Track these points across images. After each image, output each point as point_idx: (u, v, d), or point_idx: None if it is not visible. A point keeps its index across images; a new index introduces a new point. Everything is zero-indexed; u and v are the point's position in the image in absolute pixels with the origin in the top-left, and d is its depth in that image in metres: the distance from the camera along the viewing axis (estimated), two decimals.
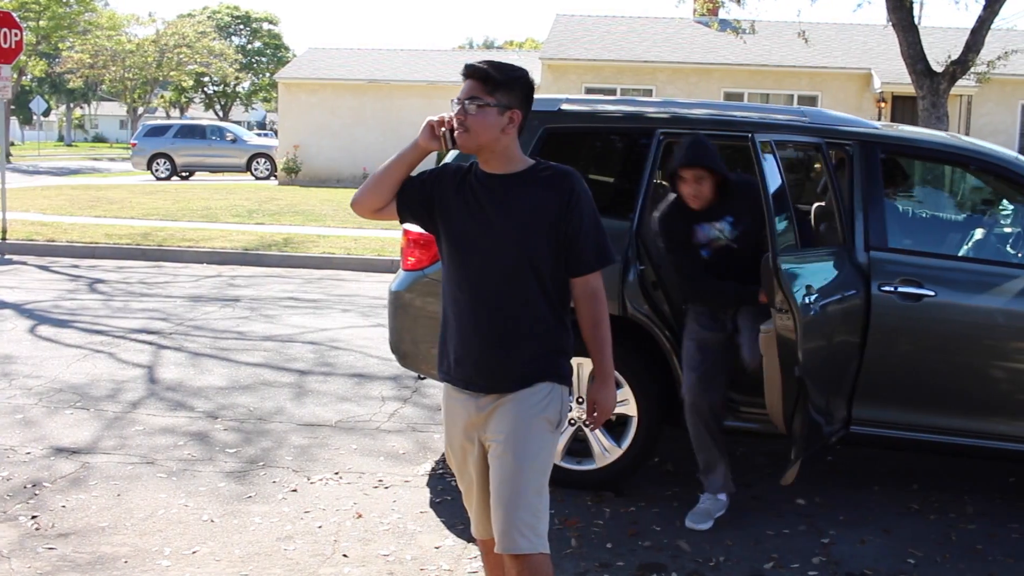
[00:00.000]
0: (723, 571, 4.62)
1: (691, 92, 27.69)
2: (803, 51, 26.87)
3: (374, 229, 17.48)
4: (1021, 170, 5.41)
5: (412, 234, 5.73)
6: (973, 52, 16.28)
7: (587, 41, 29.65)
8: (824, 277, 5.00)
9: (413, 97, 33.49)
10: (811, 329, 4.65)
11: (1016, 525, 5.29)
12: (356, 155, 33.26)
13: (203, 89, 72.21)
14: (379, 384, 7.78)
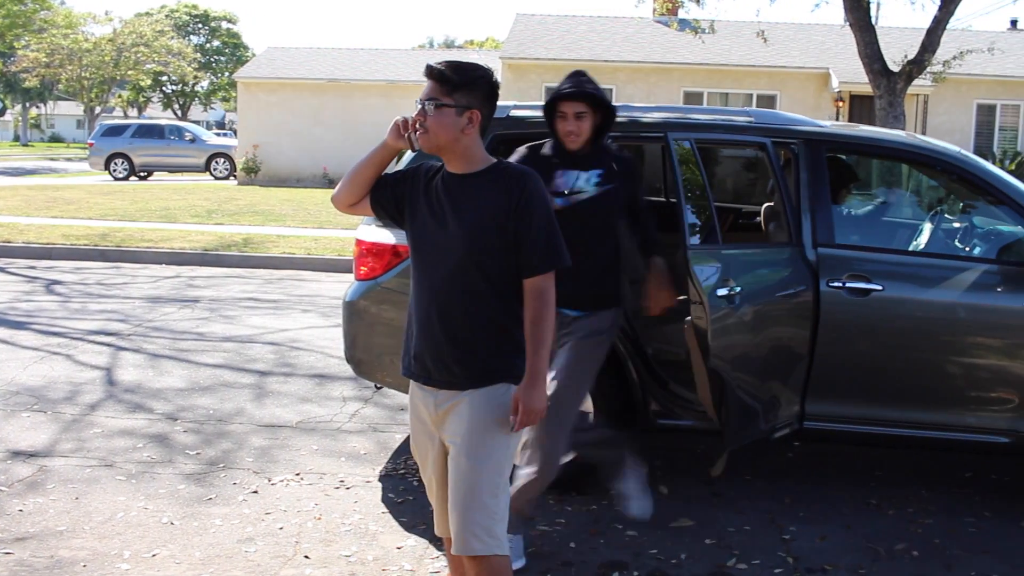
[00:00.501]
0: (685, 568, 4.65)
1: (651, 92, 27.79)
2: (762, 51, 27.05)
3: (334, 229, 17.43)
4: (966, 165, 5.49)
5: (365, 244, 5.71)
6: (929, 52, 16.47)
7: (547, 40, 29.70)
8: (764, 271, 5.05)
9: (373, 96, 33.42)
10: (726, 320, 4.69)
11: (972, 519, 5.35)
12: (316, 155, 33.14)
13: (161, 88, 71.71)
14: (340, 384, 7.75)
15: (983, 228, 5.86)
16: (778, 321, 5.07)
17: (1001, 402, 5.20)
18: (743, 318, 4.81)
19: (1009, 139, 27.70)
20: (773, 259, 5.27)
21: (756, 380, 4.95)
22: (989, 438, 5.25)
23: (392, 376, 5.81)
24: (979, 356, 5.20)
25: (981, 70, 26.80)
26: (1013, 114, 27.84)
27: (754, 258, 5.20)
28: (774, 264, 5.22)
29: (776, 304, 5.04)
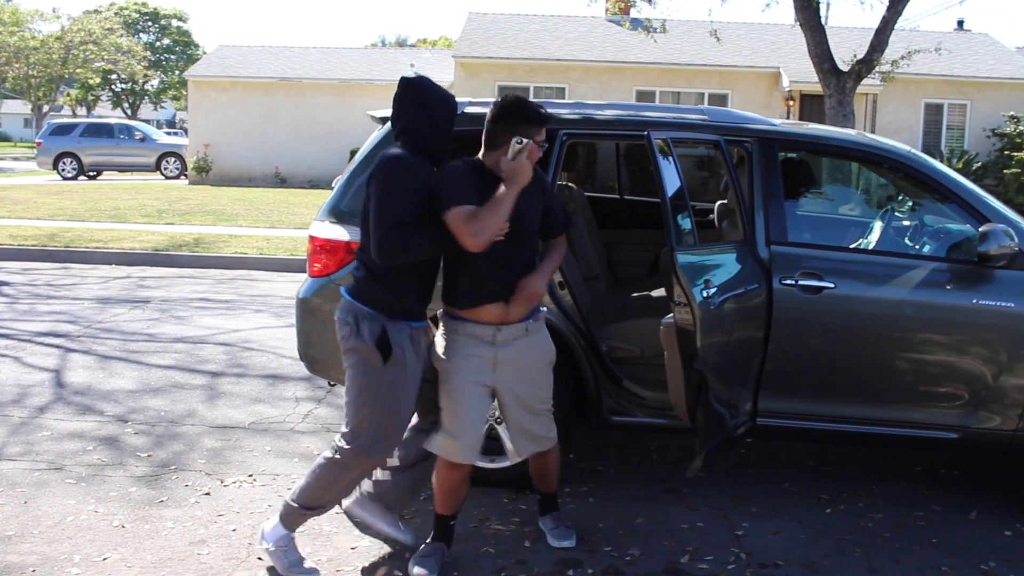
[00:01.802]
0: (639, 565, 4.67)
1: (603, 90, 27.88)
2: (713, 50, 27.23)
3: (287, 229, 17.34)
4: (915, 164, 5.55)
5: (319, 240, 5.68)
6: (878, 52, 16.65)
7: (500, 39, 29.71)
8: (725, 271, 5.08)
9: (326, 95, 33.27)
10: (710, 322, 4.72)
11: (922, 513, 5.43)
12: (268, 154, 32.96)
13: (111, 87, 70.96)
14: (293, 385, 7.71)
15: (932, 226, 5.93)
16: (737, 319, 5.11)
17: (950, 398, 5.27)
18: (719, 318, 4.84)
19: (956, 138, 28.06)
20: (734, 257, 5.31)
21: (725, 379, 4.99)
22: (938, 434, 5.31)
23: (342, 372, 5.78)
24: (928, 353, 5.27)
25: (929, 70, 27.14)
26: (960, 113, 28.20)
27: (720, 257, 5.23)
28: (734, 262, 5.26)
29: (737, 302, 5.08)
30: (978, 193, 5.51)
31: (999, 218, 5.31)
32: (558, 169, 5.56)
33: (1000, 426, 5.24)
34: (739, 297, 5.05)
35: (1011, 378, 5.17)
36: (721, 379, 4.90)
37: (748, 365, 5.22)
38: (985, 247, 5.06)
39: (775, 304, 5.23)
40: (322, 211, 5.80)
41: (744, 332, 5.15)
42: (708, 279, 4.77)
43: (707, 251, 5.12)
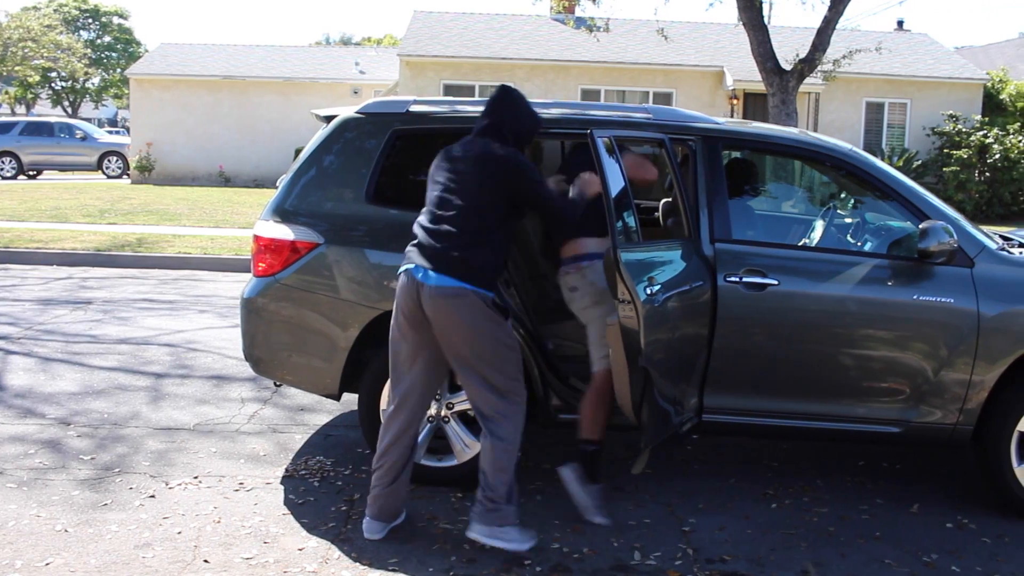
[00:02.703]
0: (587, 562, 4.68)
1: (549, 89, 27.92)
2: (658, 49, 27.38)
3: (231, 228, 17.20)
4: (856, 162, 5.62)
5: (263, 240, 5.65)
6: (820, 51, 16.84)
7: (445, 38, 29.66)
8: (670, 269, 5.11)
9: (270, 93, 33.08)
10: (654, 319, 4.75)
11: (866, 507, 5.50)
12: (212, 153, 32.69)
13: (50, 85, 69.82)
14: (238, 386, 7.65)
15: (874, 223, 6.00)
16: (682, 316, 5.15)
17: (892, 393, 5.34)
18: (662, 315, 4.87)
19: (897, 136, 28.42)
20: (679, 255, 5.34)
21: (670, 376, 5.02)
22: (881, 428, 5.39)
23: (292, 374, 5.76)
24: (871, 348, 5.33)
25: (870, 69, 27.48)
26: (900, 112, 28.57)
27: (662, 255, 5.26)
28: (679, 260, 5.30)
29: (682, 299, 5.12)
30: (918, 191, 5.59)
31: (938, 215, 5.39)
32: None
33: (941, 420, 5.32)
34: (684, 295, 5.09)
35: (951, 372, 5.25)
36: (666, 376, 4.93)
37: (693, 362, 5.26)
38: (925, 244, 5.13)
39: (720, 301, 5.27)
40: (267, 210, 5.76)
41: (689, 329, 5.18)
42: (652, 277, 4.80)
43: (652, 249, 5.15)
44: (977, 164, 25.43)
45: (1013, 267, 5.35)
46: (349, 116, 5.80)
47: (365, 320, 5.50)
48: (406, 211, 5.55)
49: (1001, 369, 5.24)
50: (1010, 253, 5.46)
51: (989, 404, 5.31)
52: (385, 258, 5.50)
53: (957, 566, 4.76)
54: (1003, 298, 5.24)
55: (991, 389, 5.28)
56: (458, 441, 5.50)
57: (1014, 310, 5.23)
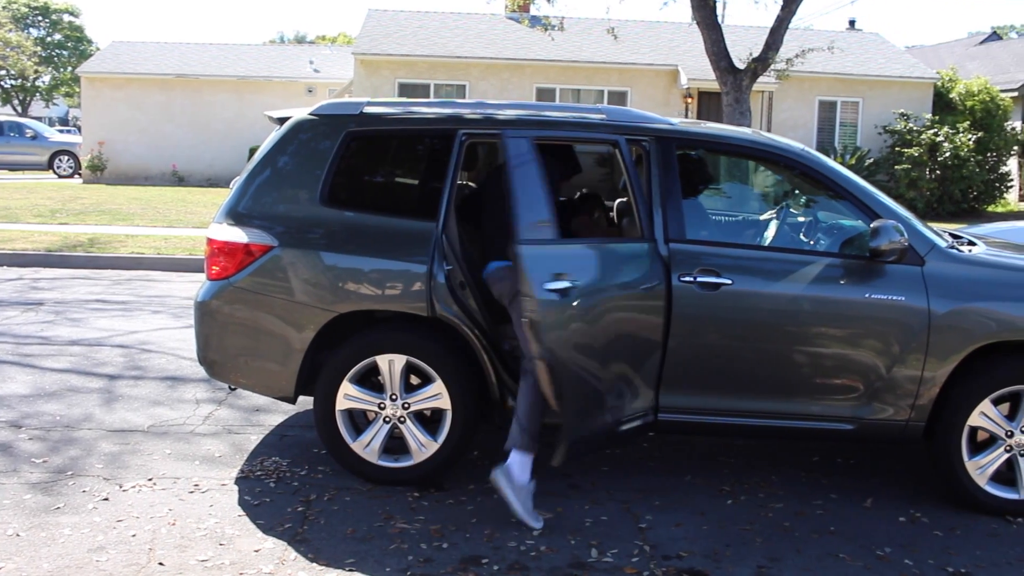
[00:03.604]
0: (544, 560, 4.69)
1: (504, 88, 27.93)
2: (613, 48, 27.45)
3: (185, 228, 17.07)
4: (808, 162, 5.68)
5: (217, 243, 5.61)
6: (773, 50, 16.96)
7: (400, 36, 29.57)
8: (598, 267, 5.16)
9: (224, 92, 32.84)
10: (561, 315, 4.79)
11: (820, 501, 5.55)
12: (165, 151, 32.41)
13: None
14: (193, 387, 7.59)
15: (826, 223, 6.06)
16: (629, 314, 5.18)
17: (845, 390, 5.39)
18: (582, 311, 4.89)
19: (850, 134, 28.69)
20: (625, 254, 5.37)
21: (600, 373, 5.04)
22: (835, 426, 5.45)
23: (246, 377, 5.73)
24: (824, 346, 5.38)
25: (822, 68, 27.71)
26: (853, 110, 28.83)
27: (586, 252, 5.28)
28: (626, 259, 5.32)
29: (626, 298, 5.14)
30: (869, 190, 5.65)
31: (889, 214, 5.46)
32: (458, 169, 5.58)
33: (893, 416, 5.39)
34: (633, 292, 5.13)
35: (903, 369, 5.31)
36: (595, 372, 4.97)
37: (644, 360, 5.29)
38: (876, 243, 5.20)
39: (674, 301, 5.30)
40: (220, 213, 5.73)
41: (637, 326, 5.22)
42: (563, 273, 4.85)
43: (571, 246, 5.21)
44: (928, 162, 25.72)
45: (962, 265, 5.42)
46: (302, 118, 5.77)
47: (321, 322, 5.48)
48: (361, 213, 5.54)
49: (952, 365, 5.31)
50: (959, 251, 5.54)
51: (940, 400, 5.38)
52: (340, 260, 5.48)
53: (910, 559, 4.82)
54: (953, 295, 5.31)
55: (942, 385, 5.35)
56: (414, 440, 5.50)
57: (963, 307, 5.30)
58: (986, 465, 5.39)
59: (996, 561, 4.84)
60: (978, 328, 5.28)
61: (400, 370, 5.47)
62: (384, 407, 5.52)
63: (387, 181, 6.00)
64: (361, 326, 5.60)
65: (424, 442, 5.49)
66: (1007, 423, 5.38)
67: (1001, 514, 5.40)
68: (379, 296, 5.46)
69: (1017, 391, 5.35)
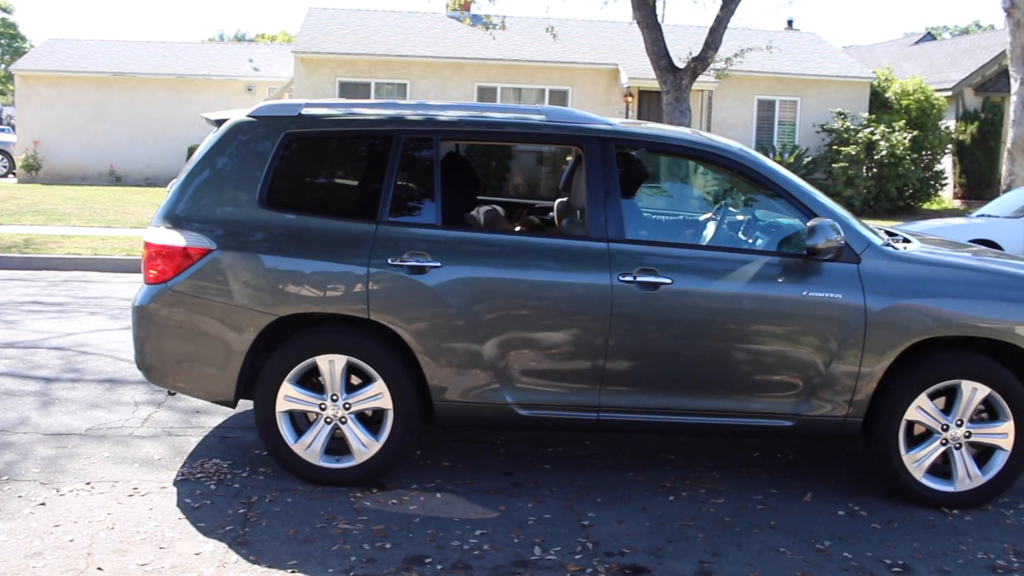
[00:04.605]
0: (488, 559, 4.69)
1: (445, 86, 27.91)
2: (554, 47, 27.52)
3: (122, 228, 16.87)
4: (746, 161, 5.74)
5: (154, 246, 5.54)
6: (712, 49, 17.12)
7: (341, 35, 29.44)
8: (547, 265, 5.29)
9: (162, 91, 32.51)
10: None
11: (761, 496, 5.61)
12: (102, 150, 32.01)
13: None
14: (131, 389, 7.50)
15: (764, 221, 6.12)
16: (567, 313, 5.25)
17: (785, 387, 5.46)
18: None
19: (788, 133, 29.01)
20: (565, 252, 5.43)
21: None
22: (775, 422, 5.51)
23: (186, 382, 5.67)
24: (763, 344, 5.44)
25: (761, 67, 28.00)
26: (791, 109, 29.15)
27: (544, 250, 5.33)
28: (567, 257, 5.38)
29: (568, 298, 5.20)
30: (806, 189, 5.72)
31: (826, 213, 5.53)
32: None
33: (831, 412, 5.46)
34: (572, 292, 5.21)
35: (840, 366, 5.39)
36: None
37: (586, 360, 5.34)
38: (813, 241, 5.27)
39: (614, 300, 5.34)
40: (157, 216, 5.66)
41: (575, 325, 5.30)
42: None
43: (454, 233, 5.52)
44: (865, 160, 26.10)
45: (897, 262, 5.50)
46: (240, 119, 5.72)
47: (261, 326, 5.44)
48: (300, 215, 5.52)
49: (888, 361, 5.39)
50: (895, 249, 5.62)
51: (878, 396, 5.46)
52: (280, 263, 5.45)
53: (849, 552, 4.89)
54: (888, 292, 5.39)
55: (879, 381, 5.43)
56: (356, 441, 5.48)
57: (899, 304, 5.38)
58: (922, 458, 5.48)
59: (932, 552, 4.92)
60: (913, 324, 5.36)
61: (341, 370, 5.45)
62: (325, 408, 5.49)
63: (326, 183, 5.97)
64: (302, 328, 5.57)
65: (366, 442, 5.48)
66: (943, 417, 5.47)
67: (936, 506, 5.50)
68: (319, 298, 5.43)
69: (953, 386, 5.45)
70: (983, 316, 5.41)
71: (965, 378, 5.42)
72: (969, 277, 5.56)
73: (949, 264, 5.63)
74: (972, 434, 5.48)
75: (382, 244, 5.43)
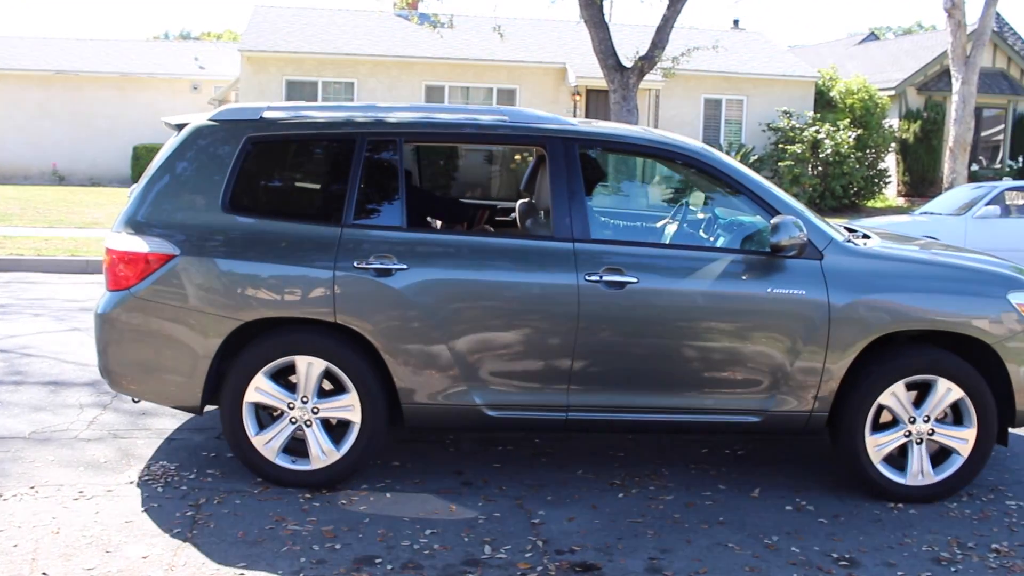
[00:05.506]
0: (438, 559, 4.69)
1: (393, 85, 27.83)
2: (501, 45, 27.53)
3: (66, 228, 16.66)
4: (708, 160, 5.79)
5: (116, 252, 5.47)
6: (659, 48, 17.21)
7: (287, 33, 29.26)
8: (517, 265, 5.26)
9: (105, 89, 32.14)
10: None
11: (709, 493, 5.65)
12: (45, 150, 31.61)
13: None
14: (76, 391, 7.41)
15: (727, 219, 6.18)
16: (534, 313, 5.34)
17: (751, 383, 5.52)
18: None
19: (734, 132, 29.25)
20: (532, 252, 5.46)
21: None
22: (742, 418, 5.58)
23: (150, 389, 5.59)
24: (729, 341, 5.49)
25: (708, 66, 28.21)
26: (737, 108, 29.40)
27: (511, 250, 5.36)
28: (533, 257, 5.42)
29: (535, 298, 5.23)
30: (768, 187, 5.79)
31: (788, 210, 5.60)
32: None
33: (797, 408, 5.54)
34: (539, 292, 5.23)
35: (805, 361, 5.47)
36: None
37: (553, 359, 5.38)
38: (777, 238, 5.34)
39: (581, 300, 5.37)
40: (119, 222, 5.59)
41: (542, 326, 5.31)
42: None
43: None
44: (810, 159, 26.38)
45: (859, 258, 5.59)
46: (201, 124, 5.66)
47: (226, 331, 5.38)
48: (262, 219, 5.48)
49: (852, 356, 5.48)
50: (856, 245, 5.71)
51: (843, 390, 5.54)
52: (244, 267, 5.39)
53: (797, 546, 4.94)
54: (851, 288, 5.47)
55: (843, 376, 5.51)
56: (316, 447, 5.46)
57: (862, 299, 5.46)
58: (883, 444, 5.56)
59: (878, 546, 4.99)
60: (875, 319, 5.45)
61: (317, 375, 5.42)
62: (293, 407, 5.46)
63: (290, 186, 5.93)
64: (279, 328, 5.51)
65: (326, 450, 5.45)
66: (913, 410, 5.56)
67: (884, 496, 5.58)
68: (284, 302, 5.40)
69: (929, 381, 5.56)
70: (943, 310, 5.52)
71: (944, 377, 5.53)
72: (929, 272, 5.66)
73: (909, 259, 5.74)
74: (935, 432, 5.58)
75: (347, 247, 5.40)
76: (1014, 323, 5.53)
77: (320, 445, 5.46)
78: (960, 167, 21.65)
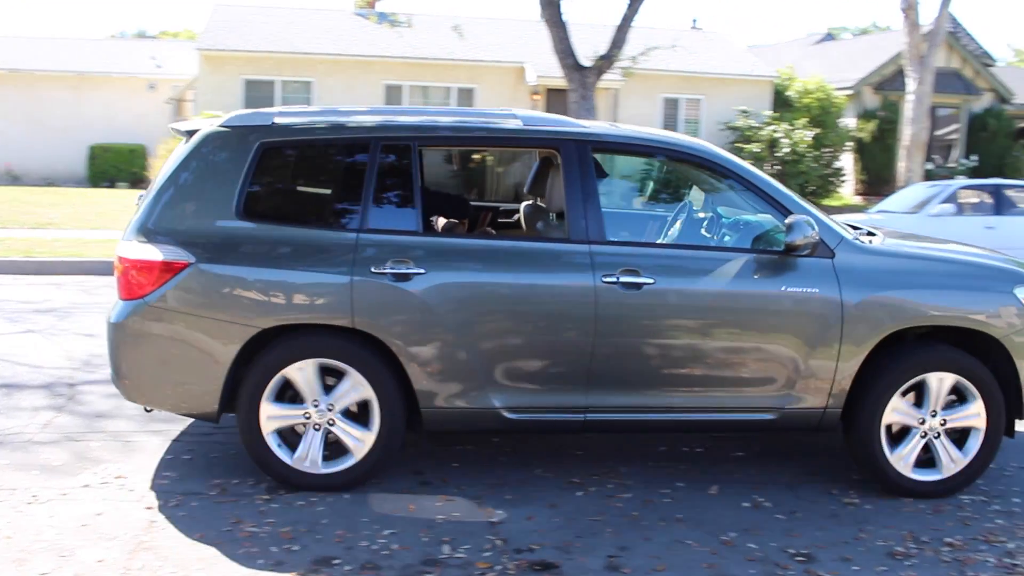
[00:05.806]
0: (397, 559, 4.68)
1: (351, 85, 27.71)
2: (460, 45, 27.49)
3: (19, 229, 16.48)
4: (720, 160, 5.86)
5: (129, 261, 5.39)
6: (618, 48, 17.26)
7: (245, 31, 29.07)
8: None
9: (61, 89, 31.77)
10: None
11: (667, 490, 5.68)
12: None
13: None
14: (30, 393, 7.33)
15: (737, 219, 6.23)
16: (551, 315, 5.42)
17: (767, 382, 5.59)
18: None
19: (692, 131, 29.33)
20: (549, 255, 5.55)
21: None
22: (757, 416, 5.66)
23: (166, 398, 5.53)
24: (746, 340, 5.56)
25: (666, 66, 28.29)
26: (695, 107, 29.53)
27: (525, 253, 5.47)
28: (550, 260, 5.51)
29: (553, 300, 5.37)
30: (779, 187, 5.86)
31: (800, 210, 5.69)
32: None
33: (812, 405, 5.63)
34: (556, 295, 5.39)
35: (820, 359, 5.55)
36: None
37: (572, 361, 5.45)
38: (791, 237, 5.43)
39: (598, 301, 5.41)
40: (130, 230, 5.51)
41: (561, 327, 5.44)
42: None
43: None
44: (768, 157, 26.54)
45: (869, 256, 5.69)
46: (212, 130, 5.59)
47: (243, 339, 5.33)
48: (277, 226, 5.43)
49: (864, 353, 5.57)
50: (865, 243, 5.79)
51: (856, 387, 5.62)
52: (259, 274, 5.34)
53: (754, 543, 4.97)
54: (863, 285, 5.56)
55: (857, 372, 5.59)
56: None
57: (873, 297, 5.54)
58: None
59: (835, 541, 5.03)
60: (887, 316, 5.54)
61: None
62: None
63: (304, 192, 5.87)
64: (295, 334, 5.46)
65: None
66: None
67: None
68: (301, 308, 5.36)
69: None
70: (953, 306, 5.63)
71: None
72: (937, 268, 5.78)
73: (918, 256, 5.87)
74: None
75: (364, 252, 5.37)
76: (1021, 317, 5.67)
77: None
78: (915, 166, 21.87)
